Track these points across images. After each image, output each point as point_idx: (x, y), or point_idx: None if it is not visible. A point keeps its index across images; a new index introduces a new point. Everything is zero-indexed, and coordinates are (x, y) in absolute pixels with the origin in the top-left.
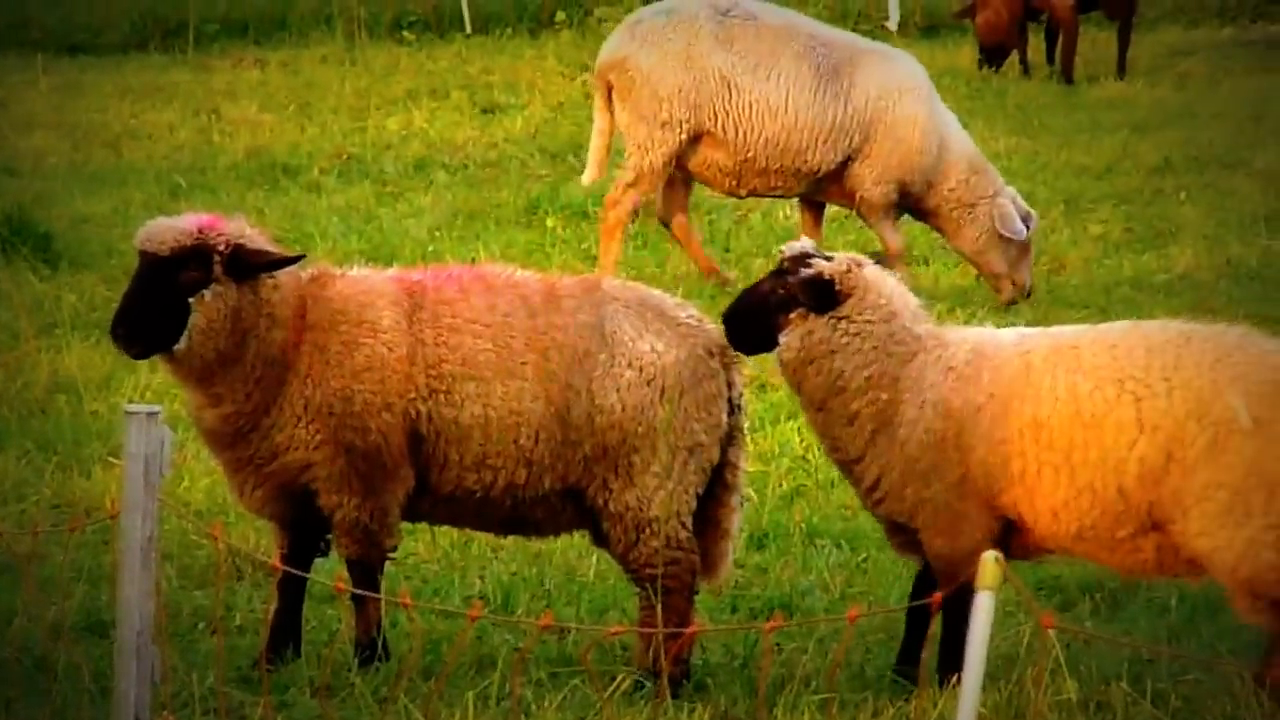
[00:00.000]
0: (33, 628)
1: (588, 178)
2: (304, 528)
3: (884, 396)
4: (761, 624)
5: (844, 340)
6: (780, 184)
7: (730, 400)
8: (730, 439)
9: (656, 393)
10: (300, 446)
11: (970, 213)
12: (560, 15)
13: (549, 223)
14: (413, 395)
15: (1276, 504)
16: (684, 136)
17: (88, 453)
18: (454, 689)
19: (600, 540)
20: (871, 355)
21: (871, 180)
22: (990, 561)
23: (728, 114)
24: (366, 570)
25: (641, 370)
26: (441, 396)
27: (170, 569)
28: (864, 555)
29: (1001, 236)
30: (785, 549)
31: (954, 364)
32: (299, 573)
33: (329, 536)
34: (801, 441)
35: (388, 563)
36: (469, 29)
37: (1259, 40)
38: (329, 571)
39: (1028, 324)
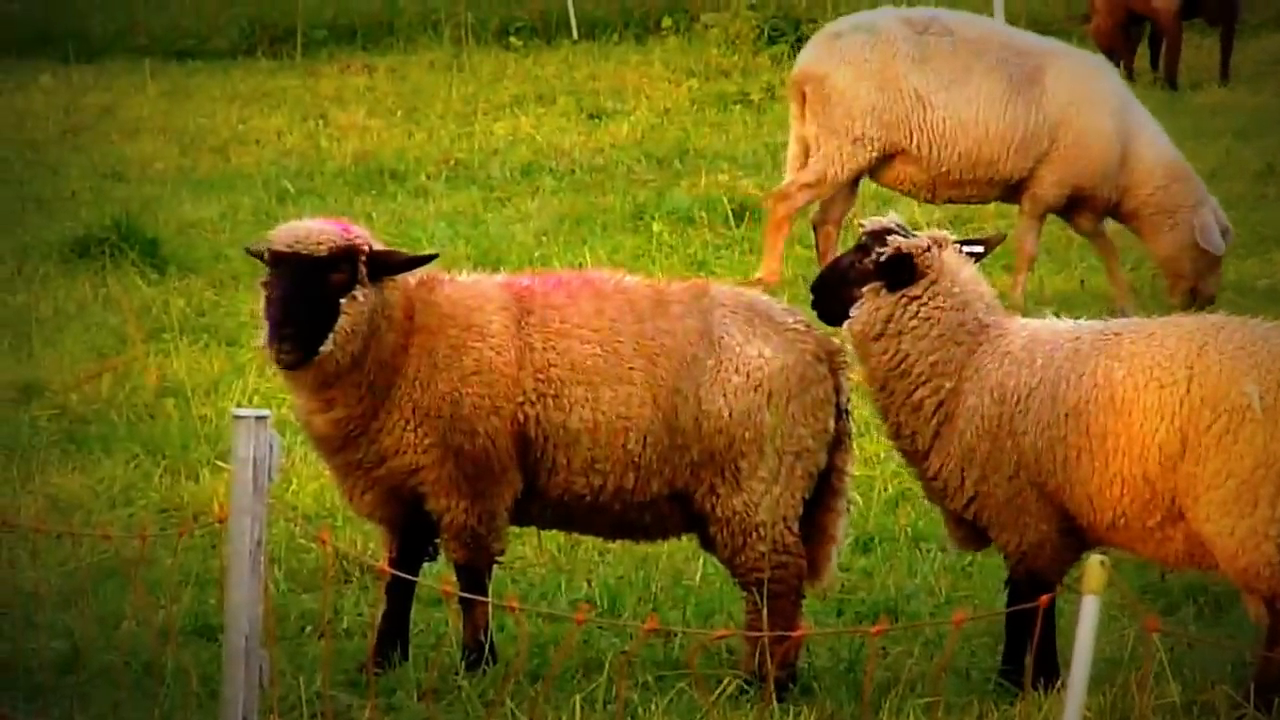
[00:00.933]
0: (142, 632)
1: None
2: (413, 532)
3: (947, 385)
4: (868, 628)
5: (912, 322)
6: (974, 193)
7: (838, 405)
8: (838, 444)
9: (764, 398)
10: (408, 450)
11: (1170, 219)
12: (666, 21)
13: (655, 228)
14: (521, 399)
15: None
16: (875, 154)
17: (196, 457)
18: (560, 692)
19: (707, 544)
20: (938, 342)
21: (1050, 181)
22: (1096, 565)
23: (922, 131)
24: (475, 574)
25: (749, 375)
26: (550, 401)
27: (278, 573)
28: (969, 559)
29: (1197, 246)
30: (891, 553)
31: (1010, 349)
32: (407, 576)
33: (438, 541)
34: None
35: (495, 567)
36: (576, 34)
37: None
38: (436, 575)
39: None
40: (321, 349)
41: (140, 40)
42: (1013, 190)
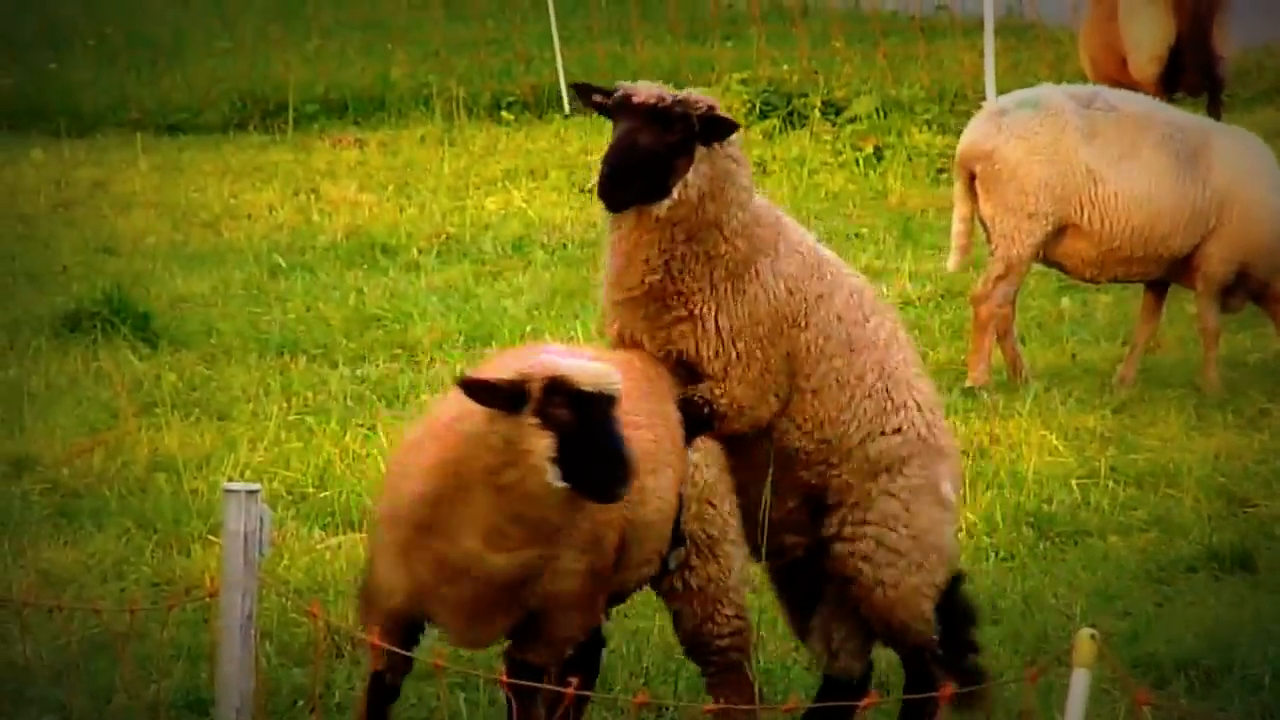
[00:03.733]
0: (133, 706)
1: (953, 264)
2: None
3: None
4: (858, 701)
5: None
6: (1140, 270)
7: None
8: None
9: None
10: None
11: None
12: None
13: None
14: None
15: None
16: (1050, 228)
17: (187, 531)
18: None
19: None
20: None
21: (1219, 259)
22: (1085, 639)
23: (1094, 205)
24: (536, 673)
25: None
26: (634, 495)
27: (269, 647)
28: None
29: None
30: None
31: None
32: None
33: None
34: None
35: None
36: (567, 109)
37: None
38: (428, 649)
39: (1122, 403)
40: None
41: (132, 115)
42: (1174, 269)
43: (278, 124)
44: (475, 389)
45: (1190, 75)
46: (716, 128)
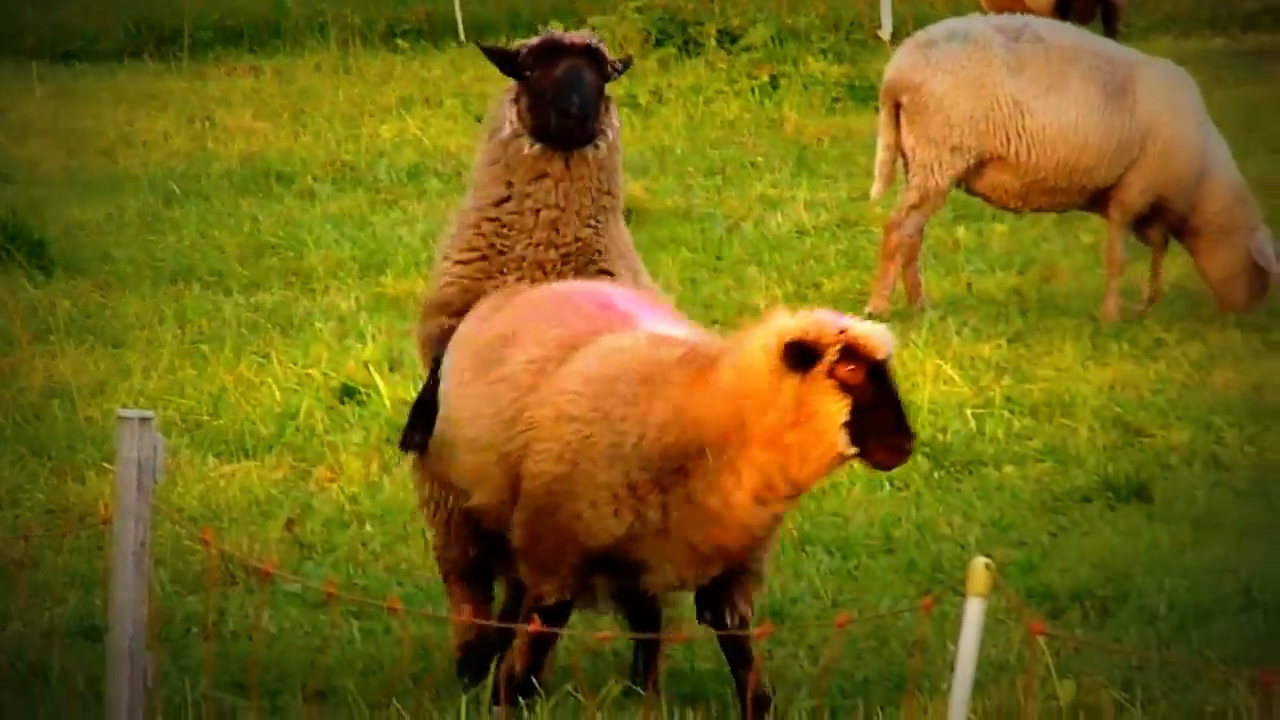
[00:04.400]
0: (26, 633)
1: (875, 192)
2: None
3: None
4: (751, 630)
5: None
6: (1064, 200)
7: None
8: None
9: None
10: None
11: (1229, 240)
12: (553, 23)
13: None
14: None
15: None
16: (971, 161)
17: (81, 458)
18: (447, 695)
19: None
20: None
21: (1138, 189)
22: (980, 568)
23: (1020, 138)
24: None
25: None
26: None
27: (163, 574)
28: (855, 562)
29: (1251, 268)
30: (776, 556)
31: None
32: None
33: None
34: None
35: (383, 570)
36: (463, 37)
37: (1250, 51)
38: (322, 577)
39: (1018, 332)
40: None
41: (28, 42)
42: (1095, 199)
43: (173, 52)
44: (790, 347)
45: (1082, 2)
46: (621, 71)
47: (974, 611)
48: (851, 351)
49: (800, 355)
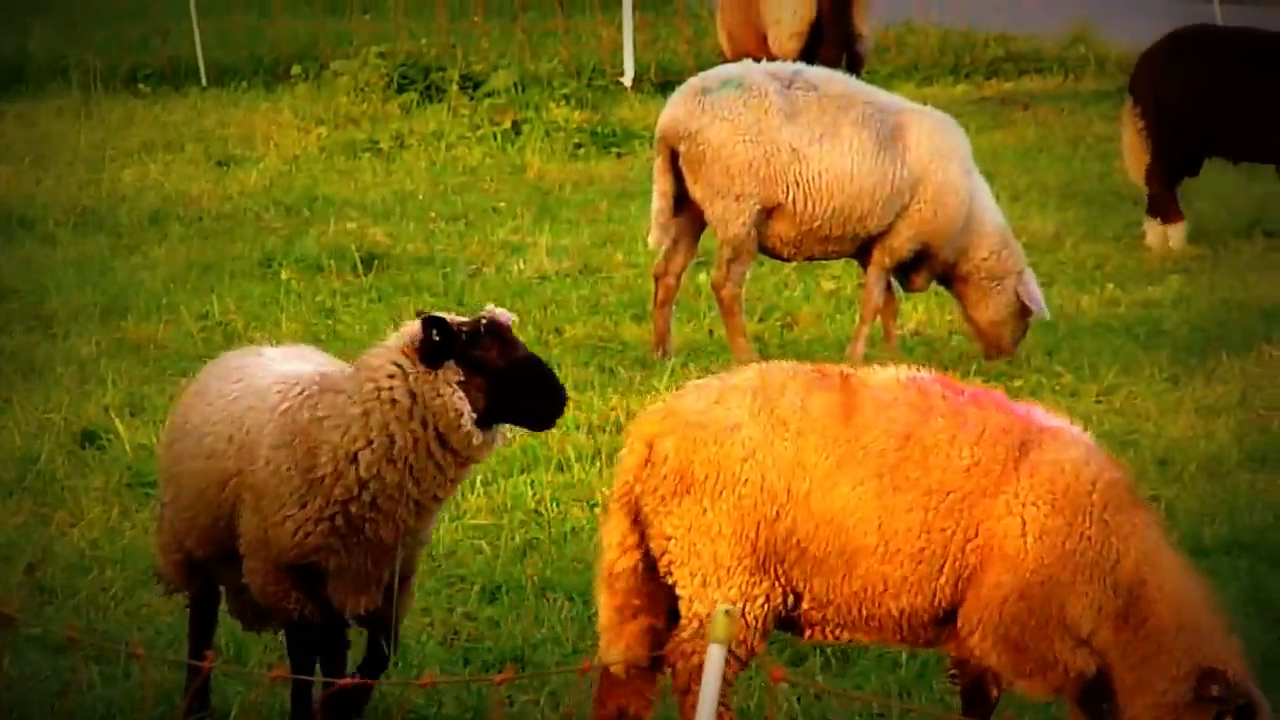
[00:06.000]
0: None
1: (653, 241)
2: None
3: None
4: (493, 676)
5: None
6: (835, 249)
7: None
8: None
9: None
10: None
11: (998, 285)
12: (296, 69)
13: (283, 275)
14: None
15: None
16: (758, 208)
17: None
18: None
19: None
20: None
21: (906, 236)
22: (721, 615)
23: (798, 186)
24: None
25: None
26: None
27: None
28: (595, 609)
29: (1018, 313)
30: (518, 602)
31: None
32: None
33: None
34: (534, 495)
35: (124, 615)
36: (205, 81)
37: (992, 97)
38: (64, 621)
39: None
40: None
41: None
42: (865, 246)
43: None
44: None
45: (828, 50)
46: None
47: (714, 658)
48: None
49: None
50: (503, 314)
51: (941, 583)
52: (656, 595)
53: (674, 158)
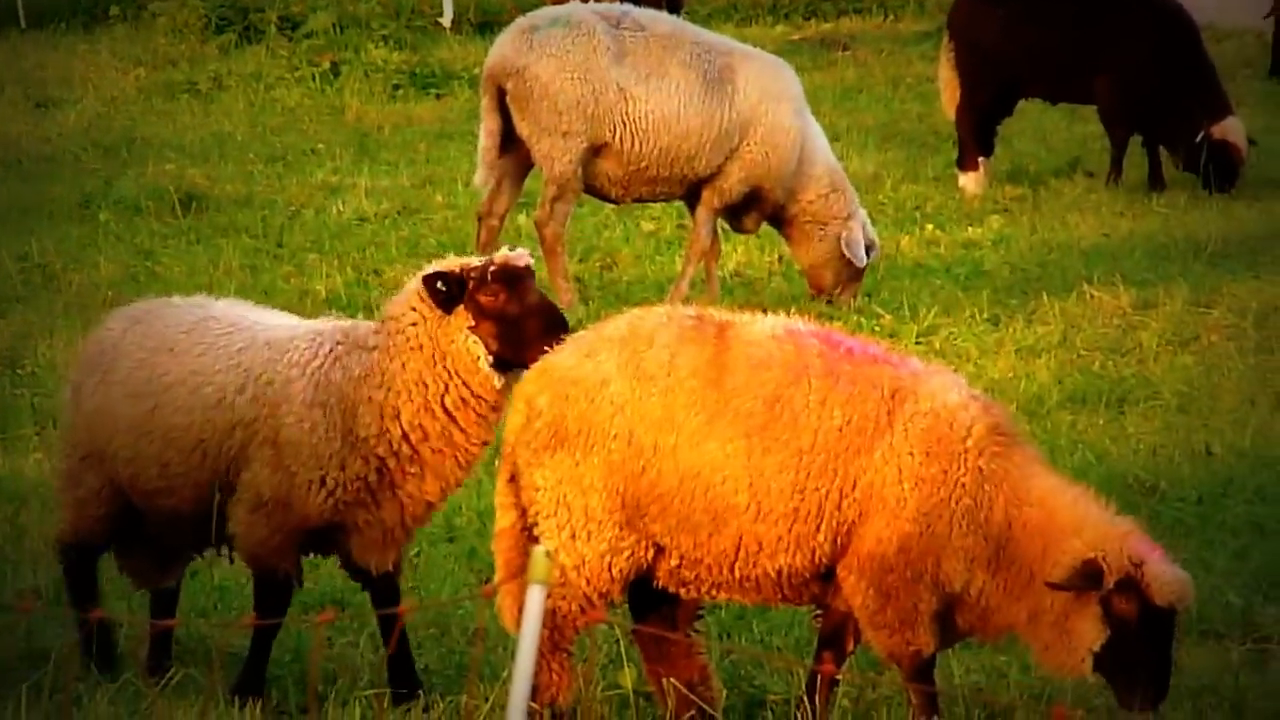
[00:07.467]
0: None
1: (478, 180)
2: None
3: None
4: (314, 618)
5: None
6: (665, 190)
7: None
8: None
9: None
10: None
11: (821, 229)
12: (114, 9)
13: (102, 217)
14: None
15: None
16: (585, 145)
17: None
18: (6, 684)
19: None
20: None
21: (736, 179)
22: (540, 555)
23: (625, 125)
24: None
25: None
26: None
27: None
28: (417, 550)
29: (841, 258)
30: None
31: None
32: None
33: None
34: None
35: None
36: (24, 23)
37: (812, 38)
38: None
39: (578, 320)
40: None
41: None
42: (694, 189)
43: None
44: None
45: None
46: None
47: (535, 599)
48: (1131, 586)
49: (1085, 576)
50: (517, 256)
51: (820, 539)
52: None
53: (501, 96)
